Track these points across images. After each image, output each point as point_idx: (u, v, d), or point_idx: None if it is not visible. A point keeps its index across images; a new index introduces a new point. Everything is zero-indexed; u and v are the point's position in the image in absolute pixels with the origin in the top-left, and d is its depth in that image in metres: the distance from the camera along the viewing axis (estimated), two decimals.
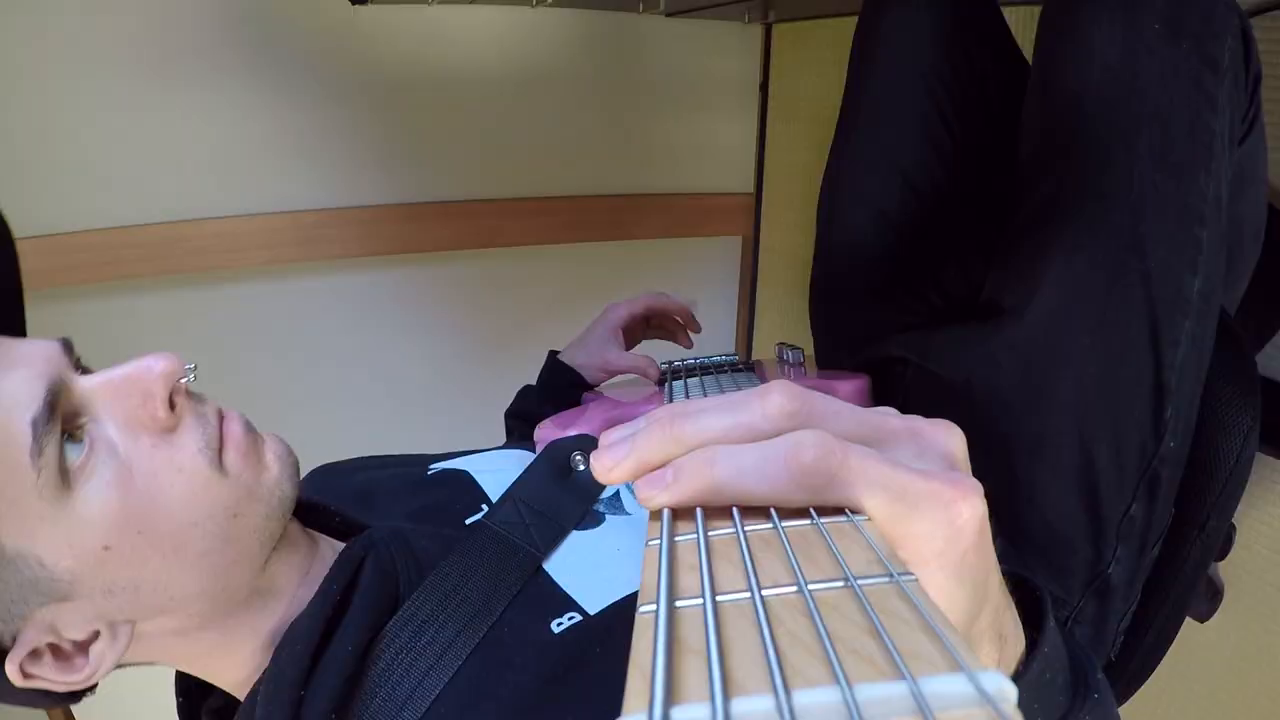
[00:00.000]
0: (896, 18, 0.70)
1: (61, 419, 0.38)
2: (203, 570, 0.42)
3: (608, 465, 0.26)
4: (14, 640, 0.39)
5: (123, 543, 0.39)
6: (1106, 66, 0.52)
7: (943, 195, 0.71)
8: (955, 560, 0.22)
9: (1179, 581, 0.60)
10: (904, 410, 0.26)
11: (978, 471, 0.25)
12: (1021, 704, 0.24)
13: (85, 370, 0.43)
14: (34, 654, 0.40)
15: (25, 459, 0.36)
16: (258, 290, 1.15)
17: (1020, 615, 0.29)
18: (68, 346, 0.42)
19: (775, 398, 0.24)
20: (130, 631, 0.42)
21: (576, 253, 1.36)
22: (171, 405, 0.42)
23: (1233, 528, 0.67)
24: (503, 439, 0.82)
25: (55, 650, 0.41)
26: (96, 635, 0.41)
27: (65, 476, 0.38)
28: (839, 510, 0.22)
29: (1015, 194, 0.61)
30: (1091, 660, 0.33)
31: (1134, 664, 0.63)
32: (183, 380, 0.43)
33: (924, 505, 0.22)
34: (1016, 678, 0.27)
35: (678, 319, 0.86)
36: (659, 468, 0.25)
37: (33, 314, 0.43)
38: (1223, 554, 0.70)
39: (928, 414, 0.26)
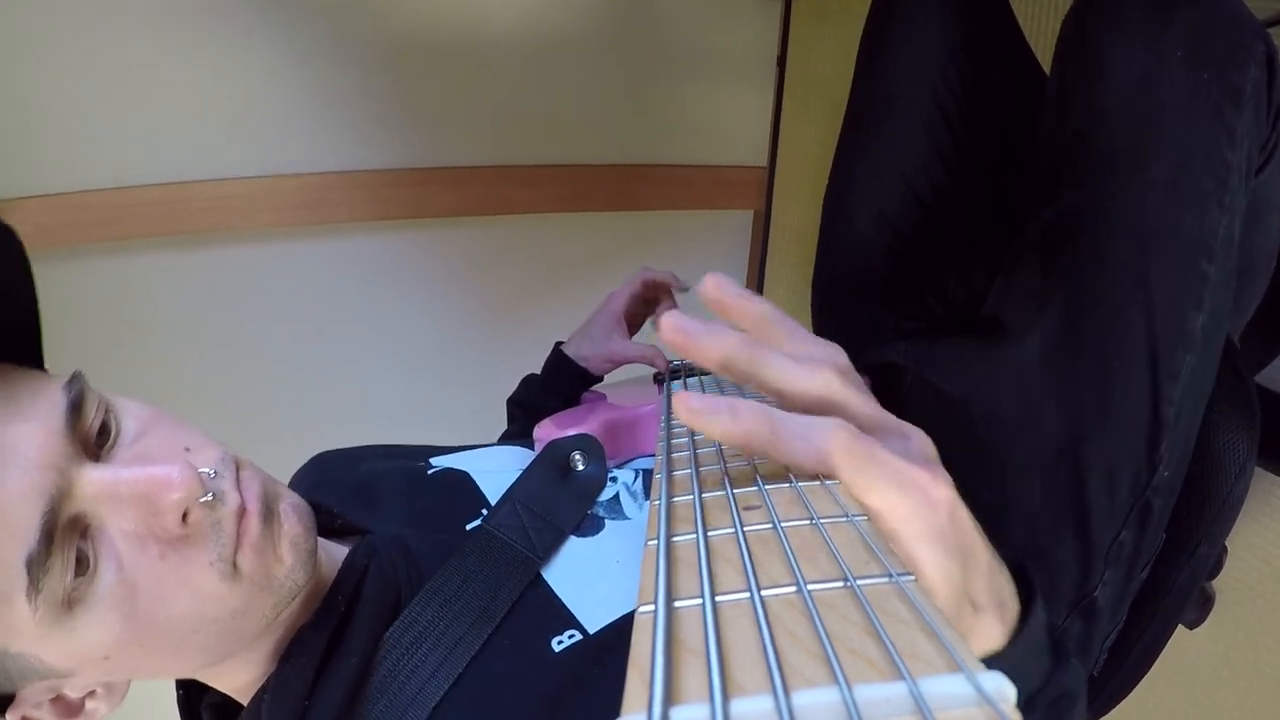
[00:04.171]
0: (903, 20, 0.69)
1: (62, 526, 0.36)
2: (202, 656, 0.42)
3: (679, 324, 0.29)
4: (14, 695, 0.39)
5: (123, 654, 0.38)
6: (1124, 91, 0.51)
7: (945, 200, 0.71)
8: (934, 532, 0.26)
9: (1166, 604, 0.60)
10: (902, 419, 0.31)
11: (972, 485, 0.30)
12: (1017, 661, 0.29)
13: (101, 436, 0.40)
14: (34, 705, 0.40)
15: (20, 596, 0.34)
16: (264, 252, 1.15)
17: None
18: (74, 406, 0.38)
19: (829, 369, 0.30)
20: (127, 686, 0.43)
21: (586, 222, 1.35)
22: (185, 516, 0.39)
23: (1224, 550, 0.66)
24: (502, 414, 0.82)
25: (55, 699, 0.41)
26: (94, 693, 0.42)
27: (64, 603, 0.36)
28: (814, 476, 0.27)
29: (1023, 209, 0.61)
30: (1066, 649, 0.36)
31: (1116, 680, 0.63)
32: (201, 499, 0.39)
33: (908, 489, 0.26)
34: (1015, 635, 0.30)
35: (669, 285, 0.85)
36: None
37: (42, 272, 0.43)
38: (1212, 575, 0.71)
39: (925, 426, 0.31)
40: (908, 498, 0.26)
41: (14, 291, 0.41)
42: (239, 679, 0.46)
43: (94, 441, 0.39)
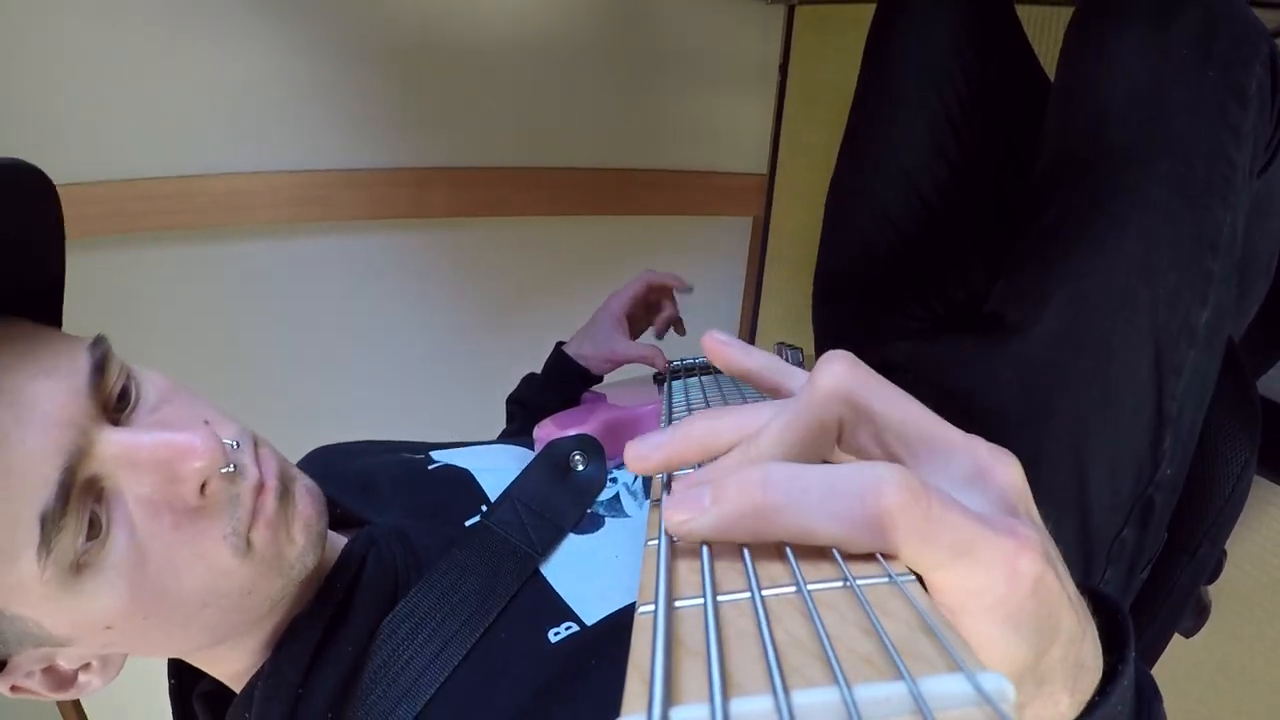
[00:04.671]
0: (910, 20, 0.69)
1: (79, 486, 0.35)
2: (205, 634, 0.42)
3: (641, 452, 0.25)
4: (5, 662, 0.39)
5: (127, 625, 0.38)
6: (1131, 88, 0.51)
7: (949, 201, 0.71)
8: (1009, 611, 0.20)
9: (1167, 604, 0.60)
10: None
11: None
12: None
13: (122, 400, 0.39)
14: (25, 674, 0.40)
15: (30, 553, 0.33)
16: (262, 248, 1.15)
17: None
18: (98, 367, 0.38)
19: (836, 367, 0.23)
20: (123, 661, 0.42)
21: (585, 226, 1.35)
22: (203, 488, 0.38)
23: (1224, 553, 0.67)
24: (500, 415, 0.82)
25: (46, 670, 0.41)
26: (88, 666, 0.42)
27: (73, 566, 0.35)
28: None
29: (1027, 208, 0.61)
30: (1155, 687, 0.32)
31: None
32: (223, 470, 0.38)
33: (983, 560, 0.19)
34: (1091, 708, 0.25)
35: (672, 286, 0.85)
36: (696, 466, 0.23)
37: None
38: (1213, 578, 0.71)
39: None
40: (982, 571, 0.19)
41: (46, 250, 0.41)
42: (233, 665, 0.45)
43: (114, 405, 0.39)
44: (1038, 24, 0.92)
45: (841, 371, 0.24)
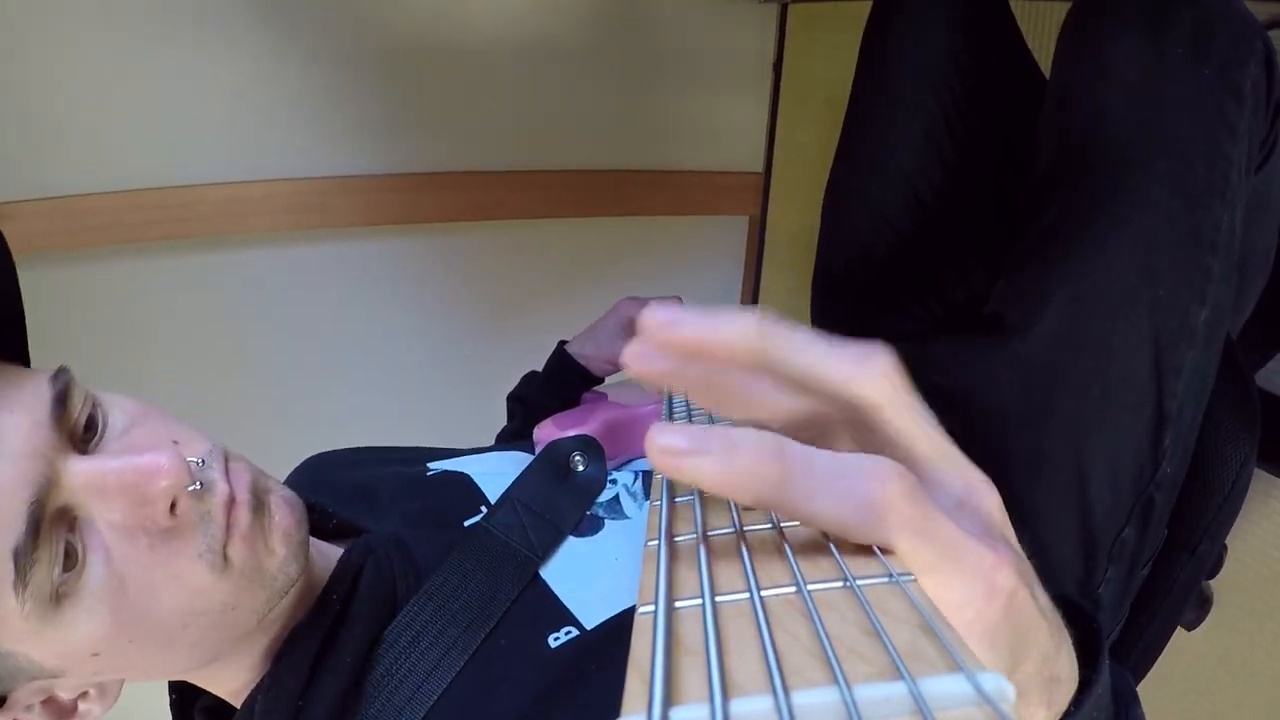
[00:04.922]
0: (907, 22, 0.69)
1: (50, 518, 0.35)
2: (194, 653, 0.42)
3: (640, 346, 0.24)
4: (4, 699, 0.39)
5: (112, 651, 0.38)
6: (1127, 87, 0.51)
7: (947, 202, 0.71)
8: (985, 626, 0.21)
9: (1167, 601, 0.60)
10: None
11: None
12: None
13: (89, 431, 0.39)
14: (25, 708, 0.40)
15: (7, 589, 0.34)
16: (258, 257, 1.15)
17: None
18: (60, 398, 0.38)
19: (883, 360, 0.22)
20: (120, 687, 0.42)
21: (581, 228, 1.35)
22: (173, 507, 0.38)
23: (1224, 548, 0.67)
24: (497, 418, 0.82)
25: (46, 701, 0.41)
26: (86, 694, 0.42)
27: (52, 597, 0.35)
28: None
29: (1026, 208, 0.61)
30: (1134, 692, 0.33)
31: None
32: (190, 488, 0.38)
33: (965, 569, 0.20)
34: (1065, 718, 0.26)
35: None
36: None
37: (35, 277, 0.43)
38: (1213, 574, 0.71)
39: None
40: (963, 584, 0.20)
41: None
42: (232, 681, 0.45)
43: (81, 436, 0.39)
44: (1031, 20, 0.92)
45: (877, 388, 0.23)
